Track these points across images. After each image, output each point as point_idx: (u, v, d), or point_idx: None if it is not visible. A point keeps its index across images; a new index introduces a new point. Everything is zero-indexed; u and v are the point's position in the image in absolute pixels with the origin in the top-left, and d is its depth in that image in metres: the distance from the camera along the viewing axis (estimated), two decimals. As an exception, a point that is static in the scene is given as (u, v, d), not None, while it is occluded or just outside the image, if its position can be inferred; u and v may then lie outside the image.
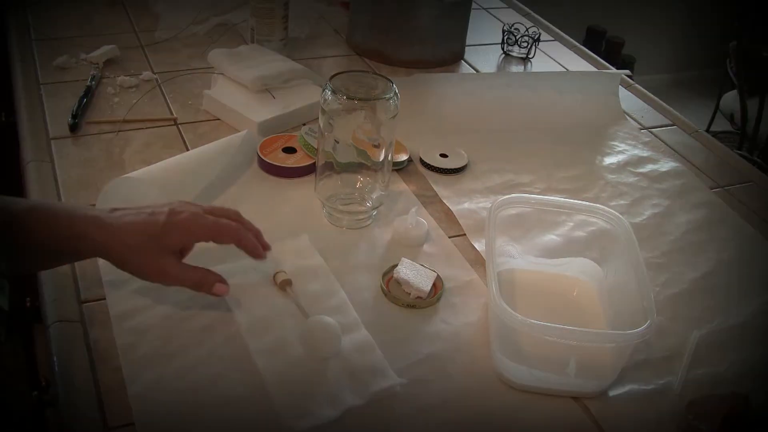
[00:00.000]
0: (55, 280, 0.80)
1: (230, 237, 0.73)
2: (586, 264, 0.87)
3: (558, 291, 0.86)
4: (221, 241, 0.73)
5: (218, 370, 0.71)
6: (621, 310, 0.79)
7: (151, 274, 0.71)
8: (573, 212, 0.88)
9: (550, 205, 0.87)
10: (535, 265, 0.88)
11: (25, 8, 1.39)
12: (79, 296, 0.78)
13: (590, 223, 0.94)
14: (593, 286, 0.86)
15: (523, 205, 0.86)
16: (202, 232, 0.72)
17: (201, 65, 1.25)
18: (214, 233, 0.72)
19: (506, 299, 0.72)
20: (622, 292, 0.79)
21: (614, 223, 0.84)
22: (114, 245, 0.69)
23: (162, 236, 0.70)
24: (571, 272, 0.87)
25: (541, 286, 0.86)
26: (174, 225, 0.70)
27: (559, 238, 0.94)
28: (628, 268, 0.79)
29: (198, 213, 0.72)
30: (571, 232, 0.94)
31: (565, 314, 0.83)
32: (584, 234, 0.94)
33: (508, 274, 0.86)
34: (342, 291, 0.82)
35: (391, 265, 0.85)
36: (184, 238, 0.72)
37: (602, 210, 0.85)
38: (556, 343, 0.70)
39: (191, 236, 0.72)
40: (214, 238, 0.73)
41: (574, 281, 0.87)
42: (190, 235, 0.72)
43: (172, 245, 0.71)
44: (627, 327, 0.71)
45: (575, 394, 0.73)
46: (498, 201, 0.84)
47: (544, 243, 0.92)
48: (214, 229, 0.72)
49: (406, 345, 0.77)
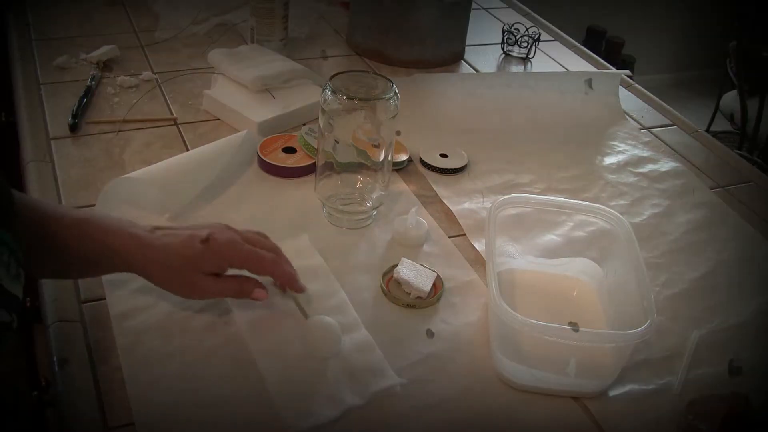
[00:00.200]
0: (55, 280, 0.80)
1: (266, 269, 0.74)
2: (586, 264, 0.87)
3: (558, 291, 0.86)
4: (257, 272, 0.74)
5: (218, 370, 0.71)
6: (621, 310, 0.79)
7: (188, 292, 0.73)
8: (573, 212, 0.88)
9: (550, 205, 0.87)
10: (535, 265, 0.88)
11: (25, 8, 1.39)
12: (79, 296, 0.78)
13: (590, 223, 0.94)
14: (593, 286, 0.86)
15: (523, 205, 0.86)
16: (239, 261, 0.72)
17: (201, 65, 1.25)
18: (251, 263, 0.73)
19: (506, 299, 0.72)
20: (623, 292, 0.79)
21: (614, 223, 0.84)
22: (152, 266, 0.70)
23: (199, 260, 0.71)
24: (571, 272, 0.87)
25: (541, 286, 0.86)
26: (212, 251, 0.71)
27: (559, 238, 0.94)
28: (628, 268, 0.79)
29: (236, 240, 0.73)
30: (571, 232, 0.94)
31: (565, 314, 0.82)
32: (584, 234, 0.94)
33: (508, 274, 0.86)
34: (342, 291, 0.82)
35: (391, 265, 0.85)
36: (221, 263, 0.72)
37: (602, 210, 0.85)
38: (556, 343, 0.70)
39: (227, 263, 0.72)
40: (249, 268, 0.73)
41: (574, 281, 0.87)
42: (226, 262, 0.72)
43: (208, 269, 0.72)
44: (627, 327, 0.71)
45: (575, 394, 0.73)
46: (498, 201, 0.84)
47: (545, 243, 0.92)
48: (251, 260, 0.73)
49: (406, 345, 0.77)
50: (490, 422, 0.70)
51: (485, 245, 0.80)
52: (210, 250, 0.71)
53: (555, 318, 0.73)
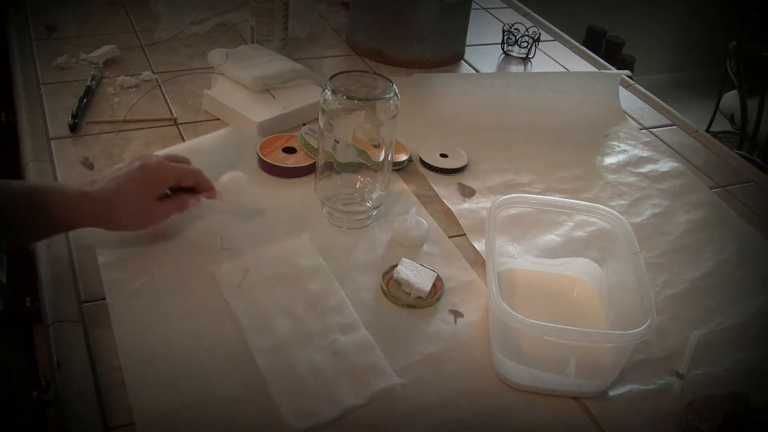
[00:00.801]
0: (55, 280, 0.80)
1: (195, 177, 0.85)
2: (587, 264, 0.87)
3: (558, 291, 0.86)
4: (188, 183, 0.84)
5: (218, 370, 0.71)
6: (621, 310, 0.79)
7: (147, 221, 0.83)
8: (573, 212, 0.88)
9: (550, 205, 0.87)
10: (535, 265, 0.88)
11: (25, 8, 1.39)
12: (79, 296, 0.78)
13: (590, 223, 0.94)
14: (593, 286, 0.86)
15: (523, 205, 0.86)
16: (173, 177, 0.83)
17: (201, 65, 1.25)
18: (182, 176, 0.83)
19: (506, 299, 0.72)
20: (623, 292, 0.79)
21: (614, 223, 0.84)
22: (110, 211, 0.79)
23: (146, 187, 0.80)
24: (571, 272, 0.87)
25: (541, 286, 0.86)
26: (151, 175, 0.80)
27: (559, 238, 0.94)
28: (627, 268, 0.79)
29: (164, 162, 0.82)
30: (571, 232, 0.94)
31: (566, 314, 0.83)
32: (584, 234, 0.94)
33: (508, 273, 0.86)
34: (342, 291, 0.82)
35: (391, 265, 0.85)
36: (161, 185, 0.82)
37: (602, 210, 0.85)
38: (556, 343, 0.70)
39: (165, 183, 0.82)
40: (182, 180, 0.83)
41: (574, 281, 0.87)
42: (164, 181, 0.82)
43: (153, 193, 0.81)
44: (627, 327, 0.71)
45: (575, 394, 0.73)
46: (498, 201, 0.84)
47: (545, 243, 0.92)
48: (182, 173, 0.83)
49: (406, 345, 0.77)
50: (490, 422, 0.70)
51: (485, 245, 0.80)
52: (149, 175, 0.80)
53: (555, 318, 0.73)
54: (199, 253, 0.85)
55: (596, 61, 1.47)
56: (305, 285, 0.82)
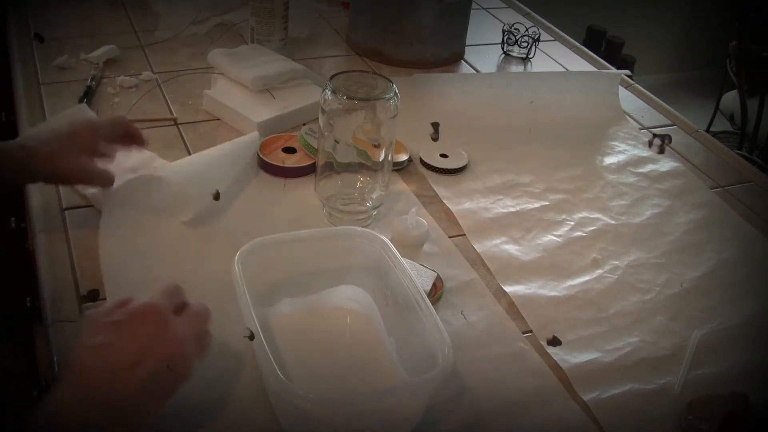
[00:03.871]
0: (55, 280, 0.80)
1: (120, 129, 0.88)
2: (354, 291, 0.78)
3: (328, 327, 0.76)
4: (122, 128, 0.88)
5: (218, 370, 0.71)
6: (412, 340, 0.71)
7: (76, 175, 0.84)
8: (322, 240, 0.79)
9: (292, 240, 0.76)
10: (294, 307, 0.77)
11: (25, 8, 1.39)
12: (79, 296, 0.78)
13: (591, 222, 0.94)
14: (369, 314, 0.77)
15: (267, 248, 0.74)
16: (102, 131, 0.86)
17: (201, 65, 1.25)
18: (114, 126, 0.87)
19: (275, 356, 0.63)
20: (410, 320, 0.71)
21: (376, 243, 0.76)
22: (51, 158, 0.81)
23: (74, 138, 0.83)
24: (339, 302, 0.78)
25: (311, 328, 0.76)
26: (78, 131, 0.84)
27: (559, 238, 0.94)
28: (407, 291, 0.72)
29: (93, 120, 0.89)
30: (571, 232, 0.95)
31: (344, 354, 0.74)
32: (584, 234, 0.94)
33: (265, 326, 0.72)
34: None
35: (391, 265, 0.85)
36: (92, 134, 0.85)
37: (359, 232, 0.78)
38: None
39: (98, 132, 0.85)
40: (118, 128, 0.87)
41: (346, 312, 0.78)
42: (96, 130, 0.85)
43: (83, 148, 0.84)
44: (421, 358, 0.66)
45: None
46: (243, 249, 0.72)
47: (545, 243, 0.92)
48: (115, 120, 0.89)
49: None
50: (490, 422, 0.70)
51: (241, 304, 0.67)
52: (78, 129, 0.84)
53: (338, 364, 0.70)
54: (203, 255, 0.85)
55: (596, 61, 1.47)
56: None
